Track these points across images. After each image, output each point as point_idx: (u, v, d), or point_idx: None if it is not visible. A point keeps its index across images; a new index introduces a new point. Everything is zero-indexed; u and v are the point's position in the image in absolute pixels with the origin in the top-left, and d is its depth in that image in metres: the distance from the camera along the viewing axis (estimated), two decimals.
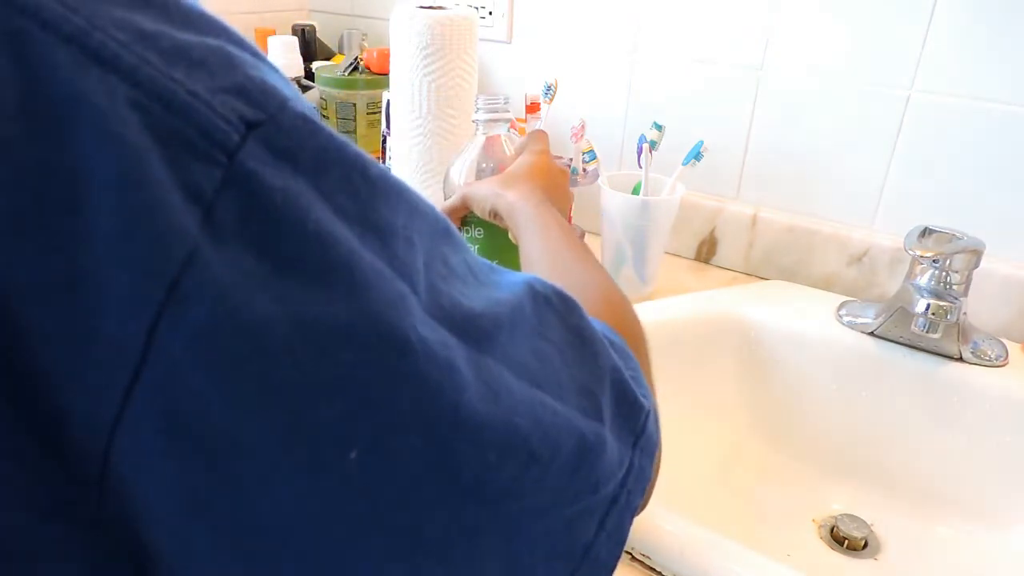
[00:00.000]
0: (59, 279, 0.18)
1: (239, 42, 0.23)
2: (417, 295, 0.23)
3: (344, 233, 0.21)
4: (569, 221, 0.62)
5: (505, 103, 0.64)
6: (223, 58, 0.21)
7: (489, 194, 0.56)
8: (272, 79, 0.22)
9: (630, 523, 0.29)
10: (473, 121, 0.64)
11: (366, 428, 0.21)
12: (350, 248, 0.21)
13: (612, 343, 0.32)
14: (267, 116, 0.21)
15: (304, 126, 0.22)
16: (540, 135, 0.63)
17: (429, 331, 0.22)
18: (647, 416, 0.31)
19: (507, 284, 0.28)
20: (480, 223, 0.60)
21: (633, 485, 0.29)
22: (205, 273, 0.19)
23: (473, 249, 0.63)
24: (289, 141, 0.21)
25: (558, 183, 0.59)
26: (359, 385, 0.21)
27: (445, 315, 0.23)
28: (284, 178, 0.20)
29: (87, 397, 0.19)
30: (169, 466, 0.20)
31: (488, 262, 0.29)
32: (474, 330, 0.24)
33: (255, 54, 0.23)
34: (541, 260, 0.47)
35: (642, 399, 0.31)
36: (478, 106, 0.64)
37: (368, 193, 0.23)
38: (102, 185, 0.18)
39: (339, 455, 0.20)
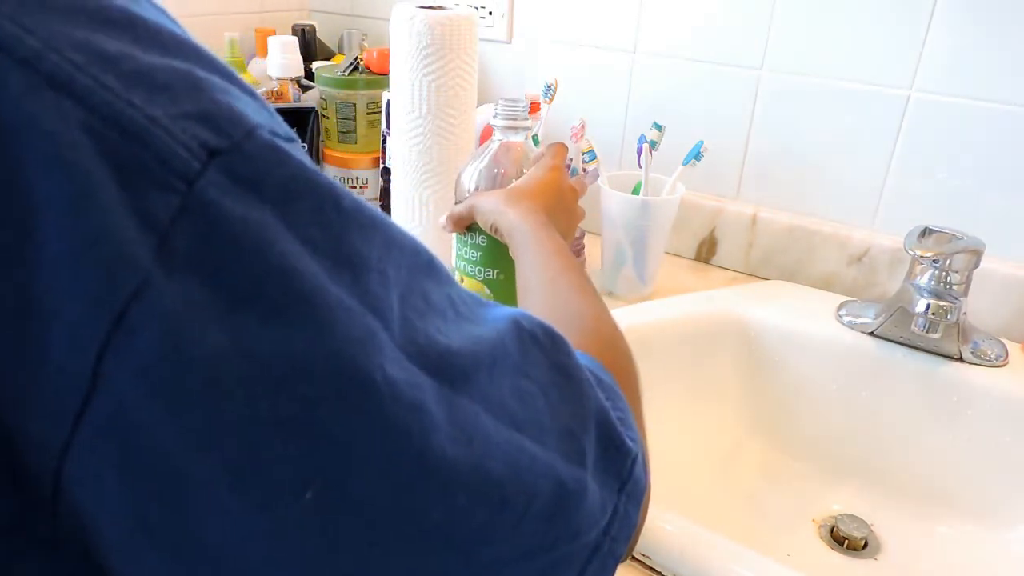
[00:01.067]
0: (9, 303, 0.18)
1: (210, 64, 0.22)
2: (389, 332, 0.22)
3: (311, 267, 0.21)
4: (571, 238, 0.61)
5: (525, 109, 0.62)
6: (189, 82, 0.20)
7: (492, 208, 0.55)
8: (240, 104, 0.21)
9: (613, 571, 0.28)
10: (491, 125, 0.63)
11: (324, 469, 0.20)
12: (316, 282, 0.20)
13: (600, 382, 0.31)
14: (231, 143, 0.20)
15: (272, 155, 0.21)
16: (559, 149, 0.61)
17: (399, 370, 0.22)
18: (634, 461, 0.30)
19: (492, 320, 0.27)
20: (484, 231, 0.60)
21: (617, 532, 0.28)
22: (155, 305, 0.18)
23: (476, 256, 0.63)
24: (254, 170, 0.20)
25: (565, 203, 0.57)
26: (317, 425, 0.20)
27: (419, 353, 0.23)
28: (247, 208, 0.20)
29: (37, 420, 0.19)
30: (119, 493, 0.19)
31: (476, 295, 0.28)
32: (450, 369, 0.24)
33: (227, 77, 0.22)
34: (537, 288, 0.46)
35: (629, 443, 0.30)
36: (496, 111, 0.62)
37: (340, 225, 0.22)
38: (53, 211, 0.18)
39: (294, 495, 0.20)
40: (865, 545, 0.63)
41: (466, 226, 0.60)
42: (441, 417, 0.22)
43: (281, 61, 0.95)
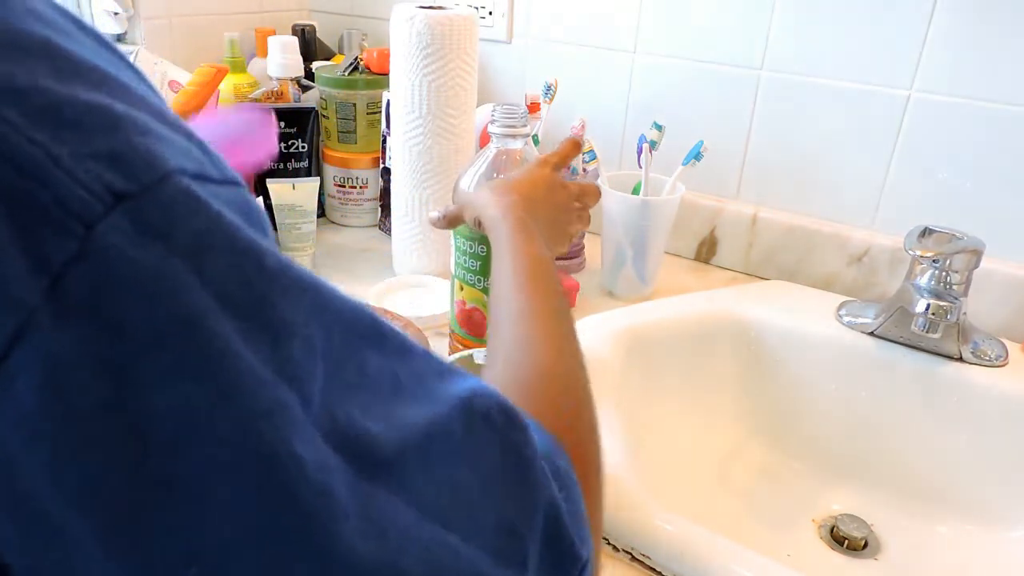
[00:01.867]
0: None
1: (140, 102, 0.21)
2: (307, 406, 0.20)
3: (222, 327, 0.19)
4: (568, 249, 0.60)
5: (523, 116, 0.61)
6: (104, 119, 0.19)
7: (479, 203, 0.53)
8: (161, 146, 0.20)
9: None
10: (489, 132, 0.63)
11: (212, 543, 0.19)
12: (225, 344, 0.19)
13: (556, 470, 0.28)
14: (140, 188, 0.19)
15: (187, 203, 0.20)
16: (565, 148, 0.59)
17: (310, 450, 0.20)
18: (583, 568, 0.28)
19: (442, 398, 0.25)
20: (483, 240, 0.58)
21: None
22: (38, 349, 0.17)
23: (476, 265, 0.62)
24: (164, 218, 0.19)
25: (555, 199, 0.55)
26: (208, 493, 0.19)
27: (337, 432, 0.21)
28: (152, 257, 0.19)
29: None
30: (12, 534, 0.19)
31: (438, 363, 0.26)
32: (367, 454, 0.22)
33: (158, 115, 0.21)
34: (506, 320, 0.41)
35: (578, 547, 0.27)
36: (494, 117, 0.61)
37: (263, 285, 0.21)
38: None
39: (175, 568, 0.19)
40: (865, 545, 0.63)
41: (460, 224, 0.60)
42: (352, 506, 0.20)
43: (281, 61, 0.94)
